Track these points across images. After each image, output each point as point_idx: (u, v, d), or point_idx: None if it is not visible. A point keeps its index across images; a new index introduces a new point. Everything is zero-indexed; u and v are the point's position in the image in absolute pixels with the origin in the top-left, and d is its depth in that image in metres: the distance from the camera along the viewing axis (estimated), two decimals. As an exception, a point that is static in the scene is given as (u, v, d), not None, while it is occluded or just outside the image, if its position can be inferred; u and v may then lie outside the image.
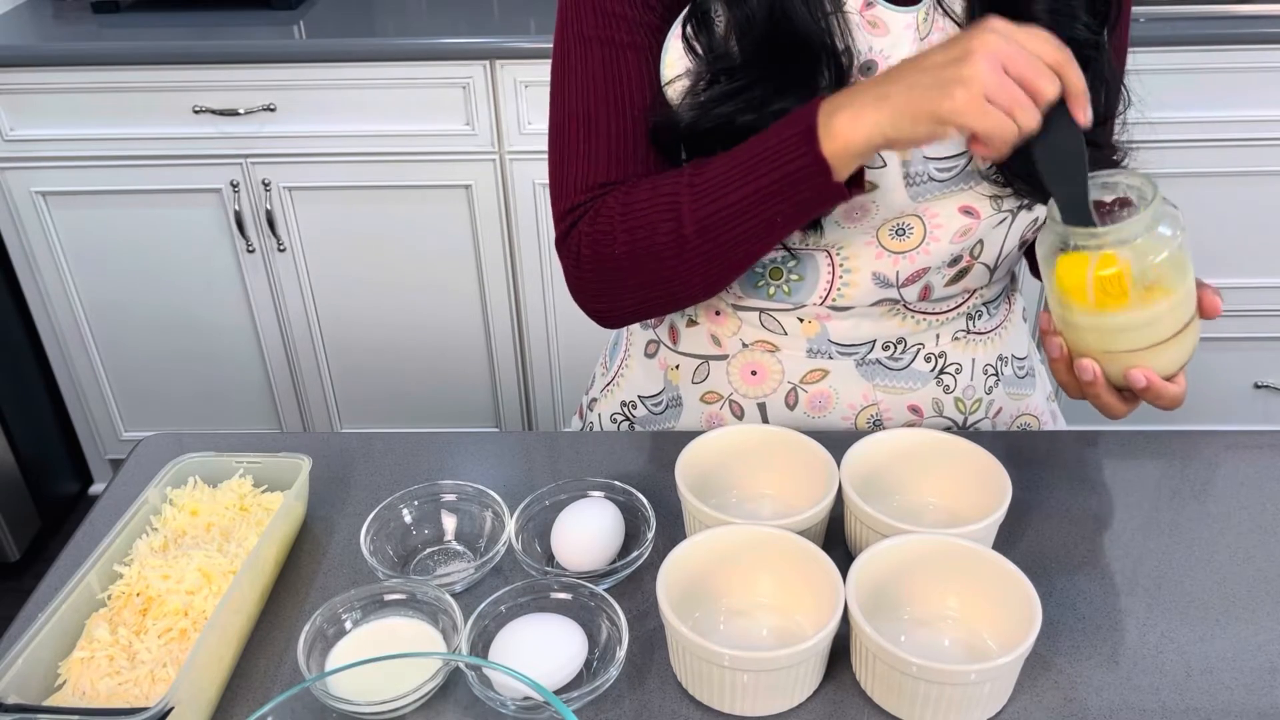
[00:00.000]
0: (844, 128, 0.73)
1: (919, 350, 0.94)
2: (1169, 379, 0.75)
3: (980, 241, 0.89)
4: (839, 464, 0.81)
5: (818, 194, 0.76)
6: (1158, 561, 0.82)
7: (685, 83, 0.83)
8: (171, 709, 0.64)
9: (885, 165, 0.83)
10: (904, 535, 0.74)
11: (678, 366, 1.00)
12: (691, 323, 0.98)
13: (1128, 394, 0.78)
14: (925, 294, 0.91)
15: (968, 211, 0.86)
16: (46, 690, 0.70)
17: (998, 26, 0.69)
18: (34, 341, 2.14)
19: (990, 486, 0.80)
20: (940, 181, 0.84)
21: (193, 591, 0.74)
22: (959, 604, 0.74)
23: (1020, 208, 0.88)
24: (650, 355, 1.03)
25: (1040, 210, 0.90)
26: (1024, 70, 0.68)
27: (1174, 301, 0.72)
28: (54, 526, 2.22)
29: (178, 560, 0.76)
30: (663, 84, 0.84)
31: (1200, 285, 0.75)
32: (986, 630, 0.72)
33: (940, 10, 0.83)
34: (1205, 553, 0.83)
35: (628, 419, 1.05)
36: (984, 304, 0.96)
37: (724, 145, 0.80)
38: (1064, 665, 0.73)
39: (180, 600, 0.74)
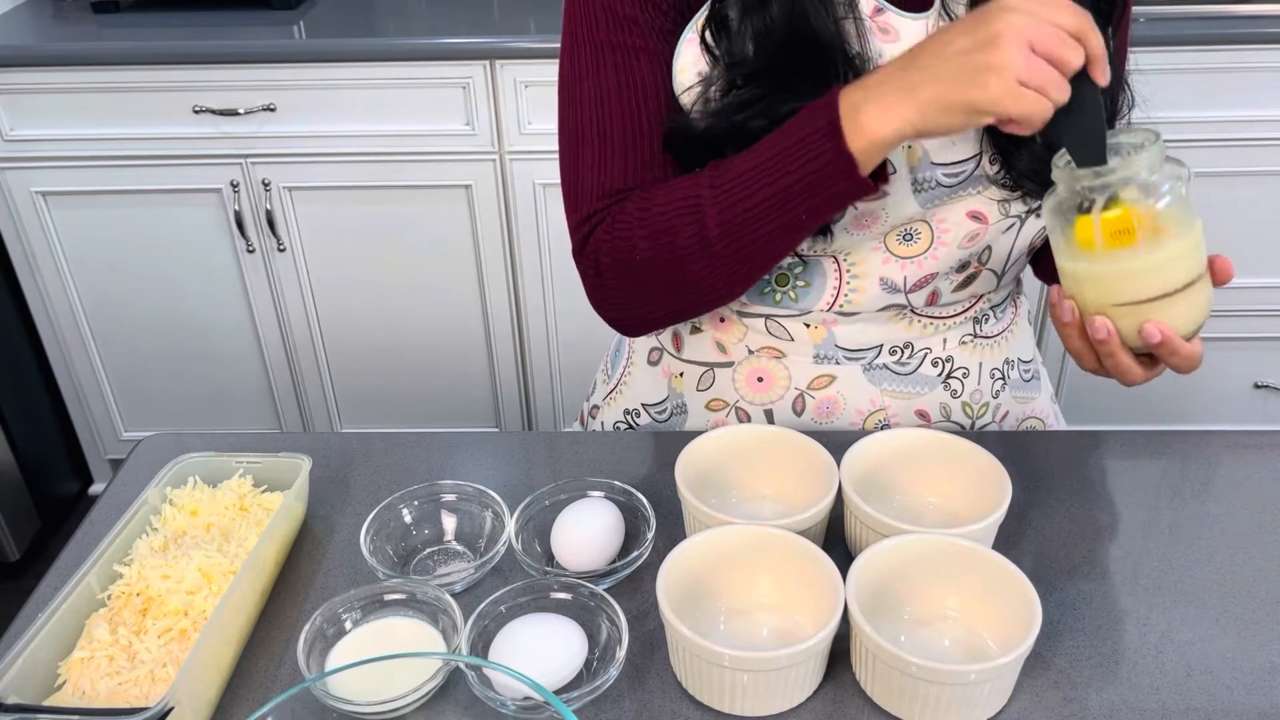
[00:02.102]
0: (872, 124, 0.72)
1: (926, 355, 0.94)
2: (1185, 340, 0.74)
3: (989, 247, 0.89)
4: (839, 464, 0.81)
5: (844, 190, 0.75)
6: (1158, 561, 0.82)
7: (699, 89, 0.82)
8: (171, 709, 0.64)
9: (895, 171, 0.83)
10: (904, 535, 0.74)
11: (682, 374, 1.00)
12: (696, 330, 0.98)
13: (1144, 359, 0.76)
14: (933, 299, 0.91)
15: (975, 216, 0.86)
16: (46, 690, 0.70)
17: (1018, 3, 0.68)
18: (34, 341, 2.14)
19: (990, 486, 0.80)
20: (948, 187, 0.84)
21: (193, 591, 0.74)
22: (959, 604, 0.74)
23: (1029, 213, 0.87)
24: (653, 363, 1.02)
25: None
26: (1051, 46, 0.67)
27: (1181, 249, 0.72)
28: (54, 526, 2.22)
29: (178, 560, 0.76)
30: (676, 90, 0.83)
31: (1211, 255, 0.74)
32: (986, 630, 0.72)
33: (946, 17, 0.83)
34: (1205, 553, 0.83)
35: (631, 427, 1.05)
36: (991, 308, 0.96)
37: (737, 150, 0.80)
38: (1064, 665, 0.73)
39: (180, 600, 0.74)
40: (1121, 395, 2.08)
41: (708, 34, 0.81)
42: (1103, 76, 0.69)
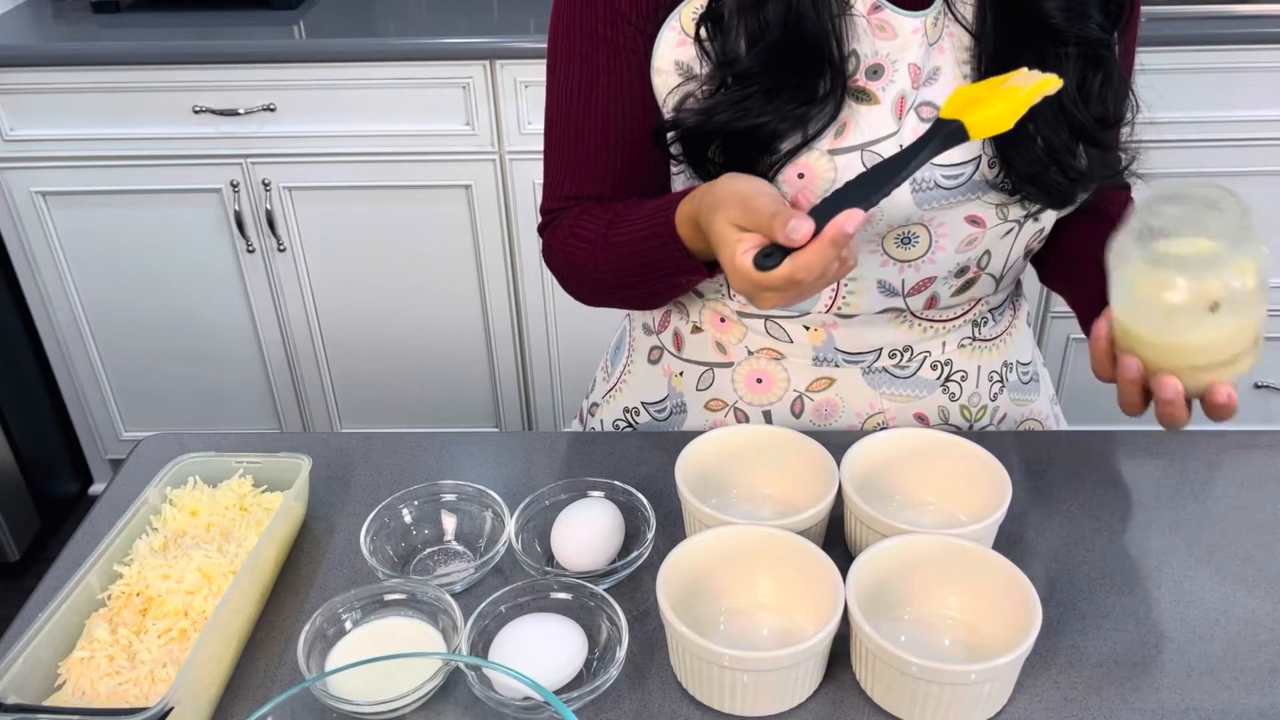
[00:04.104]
0: (702, 254, 0.80)
1: (925, 358, 0.94)
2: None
3: (987, 252, 0.88)
4: (839, 464, 0.81)
5: (698, 279, 0.84)
6: (1158, 561, 0.82)
7: (687, 85, 0.83)
8: (171, 709, 0.64)
9: None
10: (904, 535, 0.74)
11: (682, 373, 1.00)
12: (696, 329, 0.98)
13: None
14: (931, 303, 0.91)
15: (974, 221, 0.86)
16: (46, 690, 0.70)
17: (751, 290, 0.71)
18: (34, 341, 2.14)
19: (990, 486, 0.80)
20: (947, 189, 0.84)
21: (193, 591, 0.74)
22: (959, 604, 0.74)
23: (1027, 217, 0.87)
24: (654, 362, 1.02)
25: (1046, 220, 0.89)
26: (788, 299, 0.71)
27: (1257, 316, 0.70)
28: (54, 526, 2.22)
29: (178, 560, 0.76)
30: (656, 82, 0.84)
31: None
32: (986, 630, 0.72)
33: (950, 15, 0.83)
34: (1205, 553, 0.83)
35: (631, 425, 1.05)
36: (989, 311, 0.96)
37: (723, 144, 0.82)
38: (1064, 665, 0.73)
39: (180, 600, 0.74)
40: (1121, 395, 2.07)
41: (703, 30, 0.82)
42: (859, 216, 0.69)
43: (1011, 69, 0.80)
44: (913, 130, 0.82)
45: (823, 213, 0.68)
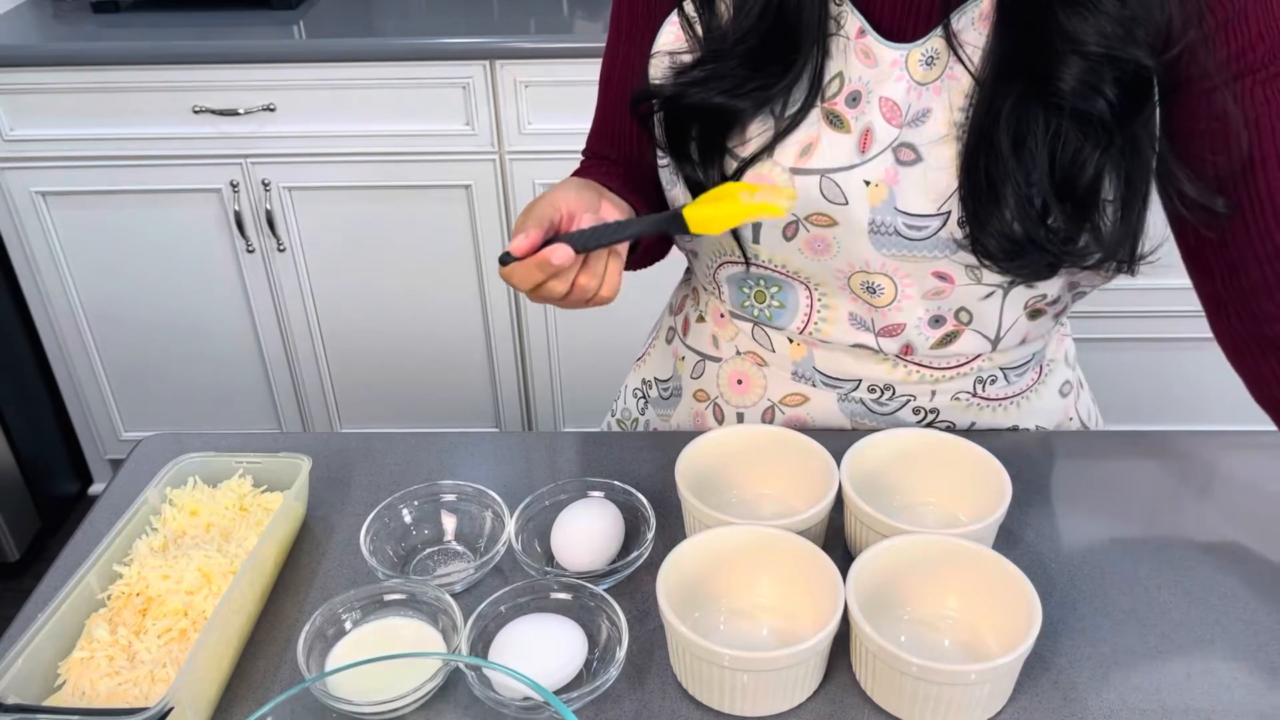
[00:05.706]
0: None
1: (908, 401, 0.92)
2: None
3: (965, 309, 0.85)
4: (839, 464, 0.81)
5: None
6: (1157, 562, 0.82)
7: (670, 61, 0.84)
8: (171, 709, 0.64)
9: (848, 203, 0.80)
10: (904, 535, 0.74)
11: (684, 358, 1.02)
12: (700, 319, 0.99)
13: None
14: (907, 350, 0.88)
15: (940, 276, 0.83)
16: (46, 690, 0.70)
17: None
18: (34, 341, 2.14)
19: (990, 486, 0.80)
20: (909, 240, 0.81)
21: (193, 591, 0.74)
22: (959, 604, 0.74)
23: (1013, 283, 0.83)
24: (669, 341, 1.05)
25: (1047, 286, 0.84)
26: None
27: None
28: (54, 526, 2.22)
29: (178, 560, 0.76)
30: (651, 55, 0.86)
31: None
32: (986, 630, 0.72)
33: (954, 56, 0.78)
34: (1205, 553, 0.83)
35: (644, 398, 1.07)
36: (1000, 369, 0.92)
37: (700, 120, 0.83)
38: (1064, 665, 0.73)
39: (180, 600, 0.74)
40: (1121, 396, 2.07)
41: (689, 6, 0.83)
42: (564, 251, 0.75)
43: (991, 115, 0.75)
44: (883, 168, 0.79)
45: (571, 238, 0.76)
